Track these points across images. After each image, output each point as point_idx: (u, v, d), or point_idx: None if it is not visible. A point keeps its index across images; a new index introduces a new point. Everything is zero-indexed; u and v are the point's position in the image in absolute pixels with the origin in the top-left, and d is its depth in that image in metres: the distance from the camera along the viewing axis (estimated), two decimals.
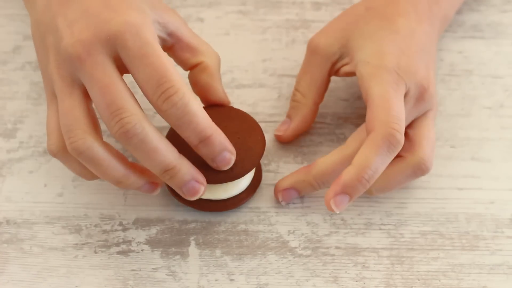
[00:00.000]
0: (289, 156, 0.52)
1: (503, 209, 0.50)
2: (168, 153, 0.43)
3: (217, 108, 0.48)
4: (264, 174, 0.51)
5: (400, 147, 0.44)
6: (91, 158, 0.43)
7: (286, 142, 0.53)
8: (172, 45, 0.48)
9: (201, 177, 0.44)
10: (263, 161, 0.52)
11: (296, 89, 0.52)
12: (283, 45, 0.59)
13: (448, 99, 0.56)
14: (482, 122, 0.54)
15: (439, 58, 0.58)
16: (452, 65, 0.58)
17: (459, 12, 0.61)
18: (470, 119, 0.55)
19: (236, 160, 0.45)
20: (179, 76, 0.42)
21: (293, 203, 0.50)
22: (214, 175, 0.45)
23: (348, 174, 0.43)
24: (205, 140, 0.43)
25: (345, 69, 0.50)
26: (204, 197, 0.47)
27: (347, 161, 0.45)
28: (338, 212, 0.46)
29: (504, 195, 0.51)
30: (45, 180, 0.51)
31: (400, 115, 0.44)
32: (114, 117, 0.41)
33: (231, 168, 0.45)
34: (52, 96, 0.45)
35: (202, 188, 0.44)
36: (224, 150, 0.44)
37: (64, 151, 0.44)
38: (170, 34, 0.47)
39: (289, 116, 0.52)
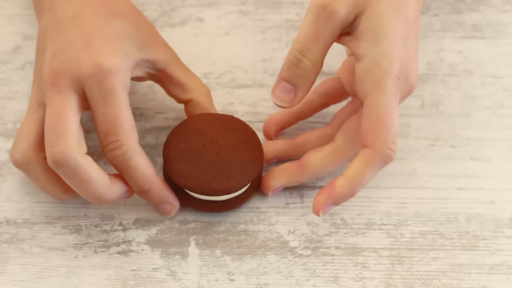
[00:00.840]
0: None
1: (503, 209, 0.50)
2: (99, 183, 0.45)
3: (219, 117, 0.49)
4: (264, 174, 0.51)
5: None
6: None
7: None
8: (163, 80, 0.50)
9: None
10: None
11: (303, 55, 0.45)
12: (283, 45, 0.59)
13: (448, 99, 0.56)
14: (482, 122, 0.54)
15: (439, 58, 0.58)
16: (452, 65, 0.58)
17: (459, 12, 0.61)
18: (470, 119, 0.55)
19: (234, 174, 0.46)
20: (129, 131, 0.45)
21: (293, 203, 0.50)
22: (211, 189, 0.46)
23: (342, 189, 0.44)
24: (144, 192, 0.47)
25: (349, 43, 0.46)
26: (204, 198, 0.48)
27: (340, 162, 0.47)
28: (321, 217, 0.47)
29: (504, 195, 0.51)
30: None
31: (397, 131, 0.44)
32: (50, 143, 0.44)
33: (228, 181, 0.46)
34: (37, 104, 0.47)
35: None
36: (163, 203, 0.48)
37: (32, 162, 0.46)
38: (160, 71, 0.49)
39: (293, 83, 0.46)
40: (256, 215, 0.50)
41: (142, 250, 0.48)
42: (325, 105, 0.52)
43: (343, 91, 0.51)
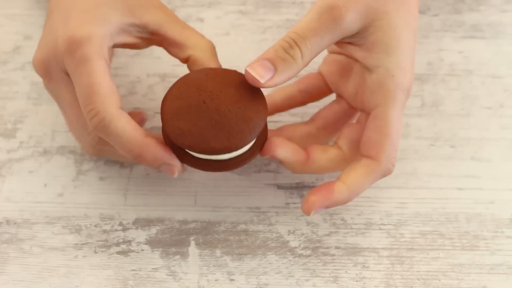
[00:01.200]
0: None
1: (503, 209, 0.50)
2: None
3: (221, 72, 0.46)
4: (264, 174, 0.51)
5: None
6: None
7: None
8: (161, 43, 0.48)
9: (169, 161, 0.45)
10: (263, 161, 0.52)
11: (297, 44, 0.44)
12: None
13: (448, 99, 0.56)
14: (482, 122, 0.54)
15: (439, 58, 0.58)
16: (452, 65, 0.58)
17: (459, 12, 0.61)
18: (470, 119, 0.55)
19: (235, 132, 0.43)
20: (106, 97, 0.43)
21: (293, 203, 0.50)
22: (211, 147, 0.43)
23: (341, 195, 0.44)
24: (137, 157, 0.44)
25: (358, 54, 0.45)
26: (205, 157, 0.45)
27: (342, 168, 0.46)
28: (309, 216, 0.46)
29: (504, 195, 0.51)
30: (45, 180, 0.51)
31: (398, 146, 0.45)
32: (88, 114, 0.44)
33: (228, 140, 0.43)
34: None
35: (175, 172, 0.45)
36: (161, 164, 0.45)
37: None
38: (153, 33, 0.47)
39: (275, 65, 0.44)
40: (256, 215, 0.50)
41: (142, 250, 0.48)
42: (304, 102, 0.51)
43: (325, 89, 0.50)
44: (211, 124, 0.43)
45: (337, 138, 0.48)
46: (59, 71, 0.45)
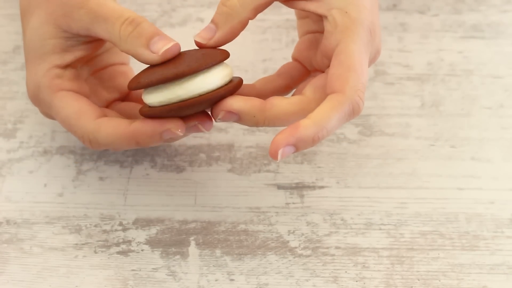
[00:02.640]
0: (289, 156, 0.52)
1: (503, 209, 0.50)
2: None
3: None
4: (264, 174, 0.51)
5: (357, 116, 0.43)
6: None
7: None
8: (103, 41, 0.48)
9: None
10: (263, 161, 0.52)
11: None
12: (283, 45, 0.59)
13: (448, 99, 0.56)
14: (482, 122, 0.54)
15: (439, 58, 0.58)
16: (452, 65, 0.58)
17: (459, 12, 0.61)
18: (470, 119, 0.55)
19: (193, 61, 0.43)
20: (77, 121, 0.45)
21: (293, 203, 0.50)
22: (171, 72, 0.42)
23: (306, 130, 0.41)
24: (138, 145, 0.44)
25: (310, 6, 0.45)
26: (175, 96, 0.43)
27: (304, 116, 0.43)
28: (277, 161, 0.44)
29: (504, 195, 0.51)
30: (45, 180, 0.51)
31: (366, 83, 0.43)
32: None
33: (187, 65, 0.42)
34: None
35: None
36: (160, 134, 0.43)
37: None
38: (88, 36, 0.46)
39: (215, 22, 0.45)
40: (256, 215, 0.50)
41: (142, 250, 0.48)
42: (288, 87, 0.49)
43: (304, 71, 0.48)
44: (171, 64, 0.43)
45: (303, 88, 0.46)
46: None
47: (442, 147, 0.53)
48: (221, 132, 0.54)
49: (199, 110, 0.44)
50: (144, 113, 0.44)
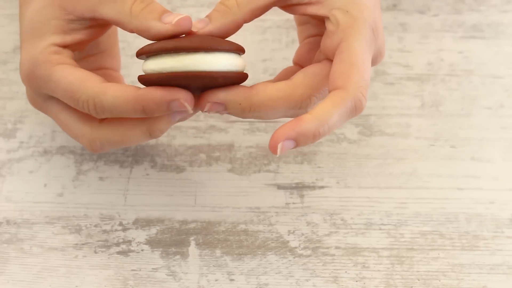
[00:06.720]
0: (289, 156, 0.52)
1: (503, 209, 0.50)
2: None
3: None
4: (264, 174, 0.51)
5: (360, 113, 0.42)
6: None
7: None
8: (108, 25, 0.47)
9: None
10: (263, 161, 0.52)
11: None
12: (283, 45, 0.59)
13: (448, 99, 0.56)
14: (482, 122, 0.54)
15: (439, 58, 0.58)
16: (452, 65, 0.58)
17: (459, 12, 0.61)
18: (470, 119, 0.55)
19: (205, 40, 0.42)
20: (80, 87, 0.43)
21: (293, 203, 0.50)
22: (182, 44, 0.42)
23: (307, 125, 0.40)
24: (143, 112, 0.42)
25: (311, 10, 0.45)
26: (182, 65, 0.42)
27: (291, 102, 0.43)
28: (277, 156, 0.43)
29: (504, 195, 0.51)
30: (45, 180, 0.51)
31: (369, 80, 0.42)
32: None
33: (200, 42, 0.42)
34: None
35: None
36: (168, 103, 0.42)
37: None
38: (93, 19, 0.45)
39: (209, 17, 0.45)
40: (256, 215, 0.50)
41: (142, 250, 0.48)
42: None
43: None
44: (184, 38, 0.43)
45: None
46: (38, 97, 0.46)
47: (442, 147, 0.53)
48: (221, 132, 0.54)
49: (196, 86, 0.43)
50: (144, 78, 0.43)
